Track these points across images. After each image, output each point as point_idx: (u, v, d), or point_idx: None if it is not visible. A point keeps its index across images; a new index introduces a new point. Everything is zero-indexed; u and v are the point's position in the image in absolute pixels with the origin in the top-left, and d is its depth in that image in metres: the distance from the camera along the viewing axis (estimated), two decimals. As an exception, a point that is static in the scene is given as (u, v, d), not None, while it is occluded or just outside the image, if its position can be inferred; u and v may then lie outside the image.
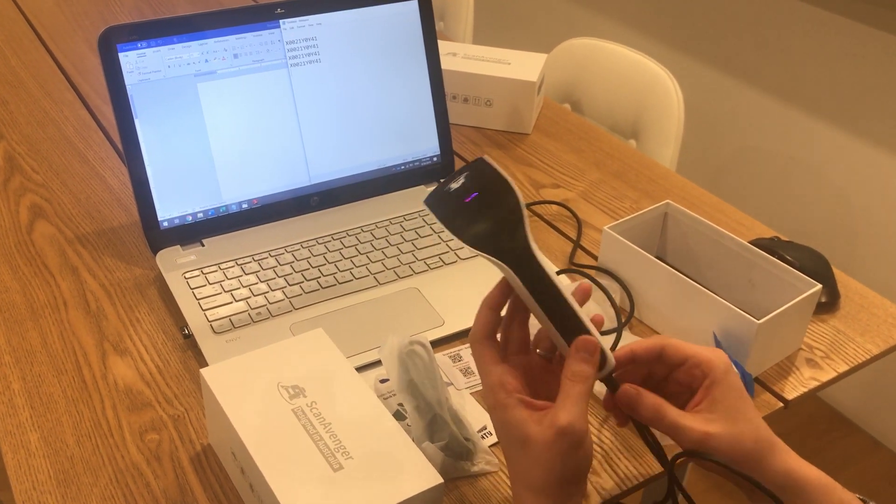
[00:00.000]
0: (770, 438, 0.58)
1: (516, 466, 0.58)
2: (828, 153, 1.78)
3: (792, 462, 0.58)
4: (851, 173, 1.74)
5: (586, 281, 0.63)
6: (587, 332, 0.58)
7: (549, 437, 0.55)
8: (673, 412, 0.59)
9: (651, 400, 0.59)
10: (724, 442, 0.57)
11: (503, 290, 0.61)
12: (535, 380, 0.61)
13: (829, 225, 1.81)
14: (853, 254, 1.79)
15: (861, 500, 0.58)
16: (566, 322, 0.58)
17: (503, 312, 0.62)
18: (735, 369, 0.61)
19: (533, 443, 0.56)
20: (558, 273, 0.88)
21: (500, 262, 0.58)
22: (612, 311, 0.85)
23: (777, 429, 0.59)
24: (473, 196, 0.60)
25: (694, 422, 0.58)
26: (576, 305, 0.59)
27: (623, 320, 0.86)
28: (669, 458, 0.62)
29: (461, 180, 0.61)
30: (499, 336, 0.62)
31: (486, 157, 0.62)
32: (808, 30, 1.73)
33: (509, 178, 0.60)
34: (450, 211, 0.60)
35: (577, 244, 0.98)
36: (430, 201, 0.61)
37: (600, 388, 0.76)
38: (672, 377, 0.62)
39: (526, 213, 0.59)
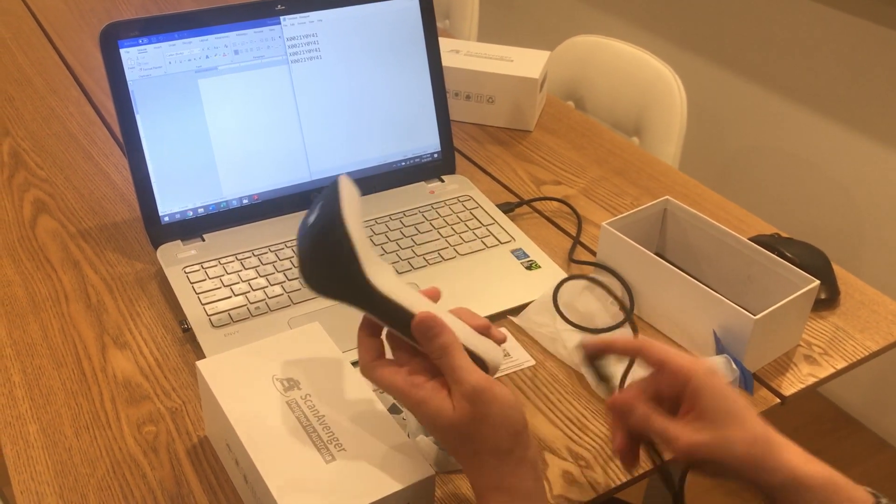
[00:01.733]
0: (767, 439, 0.57)
1: (462, 453, 0.58)
2: (831, 151, 1.77)
3: (794, 460, 0.56)
4: (855, 171, 1.74)
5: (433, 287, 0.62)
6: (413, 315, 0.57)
7: (466, 410, 0.56)
8: (660, 420, 0.59)
9: (642, 408, 0.60)
10: (714, 449, 0.57)
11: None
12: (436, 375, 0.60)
13: (833, 223, 1.81)
14: (857, 252, 1.78)
15: (872, 494, 0.57)
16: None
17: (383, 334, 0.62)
18: (720, 372, 0.60)
19: (458, 424, 0.56)
20: (569, 279, 0.87)
21: (343, 303, 0.57)
22: (614, 309, 0.85)
23: (781, 427, 0.58)
24: (316, 231, 0.57)
25: (682, 431, 0.58)
26: (416, 305, 0.58)
27: (625, 316, 0.86)
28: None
29: (316, 211, 0.57)
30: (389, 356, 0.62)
31: (341, 179, 0.58)
32: (811, 26, 1.73)
33: (343, 208, 0.56)
34: (303, 249, 0.57)
35: (576, 241, 0.98)
36: (298, 235, 0.58)
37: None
38: (662, 386, 0.62)
39: (357, 244, 0.55)
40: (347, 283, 0.56)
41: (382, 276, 0.58)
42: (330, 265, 0.56)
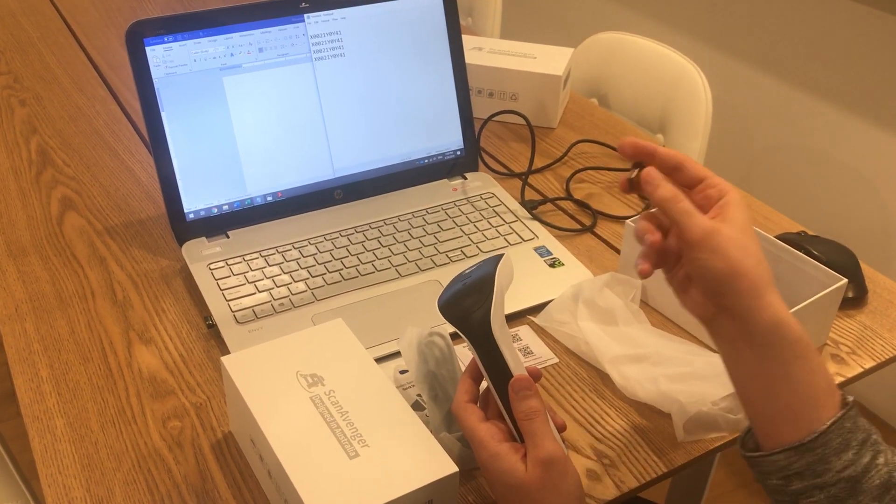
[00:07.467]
0: (768, 275, 0.57)
1: None
2: (859, 148, 1.75)
3: (782, 312, 0.56)
4: (883, 169, 1.71)
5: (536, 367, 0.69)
6: (512, 374, 0.63)
7: (538, 475, 0.58)
8: (688, 202, 0.58)
9: (671, 187, 0.59)
10: (730, 241, 0.57)
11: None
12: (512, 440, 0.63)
13: (861, 221, 1.78)
14: (885, 250, 1.75)
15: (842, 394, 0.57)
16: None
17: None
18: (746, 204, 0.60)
19: (527, 486, 0.59)
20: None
21: (461, 334, 0.64)
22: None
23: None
24: (467, 280, 0.67)
25: (705, 217, 0.58)
26: (517, 369, 0.63)
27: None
28: None
29: (476, 266, 0.69)
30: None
31: (507, 254, 0.68)
32: (838, 23, 1.71)
33: (497, 271, 0.66)
34: (450, 288, 0.67)
35: (590, 230, 0.98)
36: (454, 279, 0.69)
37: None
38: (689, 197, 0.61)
39: (496, 300, 0.64)
40: (474, 320, 0.64)
41: (502, 333, 0.64)
42: (469, 302, 0.65)
